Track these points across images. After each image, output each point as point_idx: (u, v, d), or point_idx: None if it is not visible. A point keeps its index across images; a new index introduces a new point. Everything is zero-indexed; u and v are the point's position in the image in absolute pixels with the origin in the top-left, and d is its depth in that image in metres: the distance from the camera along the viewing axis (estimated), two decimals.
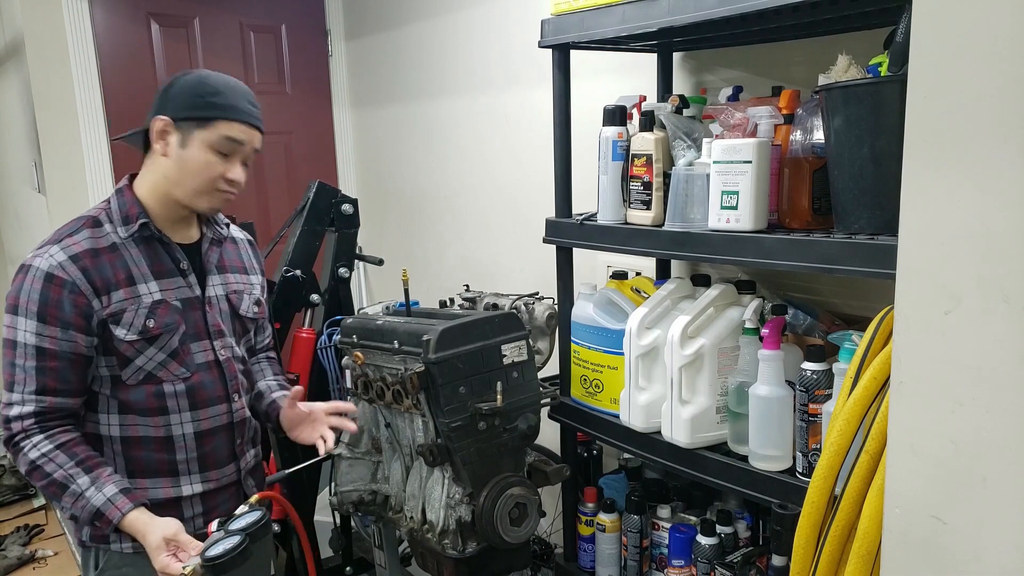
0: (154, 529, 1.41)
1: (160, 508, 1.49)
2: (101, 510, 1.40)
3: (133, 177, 1.55)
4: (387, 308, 2.11)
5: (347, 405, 1.76)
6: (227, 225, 1.69)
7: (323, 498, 2.48)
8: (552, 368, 2.02)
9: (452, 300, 2.16)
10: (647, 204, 1.62)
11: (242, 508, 1.43)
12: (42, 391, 1.42)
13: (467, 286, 2.17)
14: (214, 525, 1.41)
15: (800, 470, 1.40)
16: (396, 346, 1.70)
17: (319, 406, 1.70)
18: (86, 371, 1.46)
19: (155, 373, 1.49)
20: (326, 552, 2.56)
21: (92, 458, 1.44)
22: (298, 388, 1.65)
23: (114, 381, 1.47)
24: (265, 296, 1.74)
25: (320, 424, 1.69)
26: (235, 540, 1.34)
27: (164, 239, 1.52)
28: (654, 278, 1.98)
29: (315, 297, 2.43)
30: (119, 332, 1.44)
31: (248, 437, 1.66)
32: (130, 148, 1.56)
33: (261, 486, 1.72)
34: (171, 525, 1.42)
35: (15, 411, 1.42)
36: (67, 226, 1.48)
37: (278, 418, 1.70)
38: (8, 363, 1.42)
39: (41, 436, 1.41)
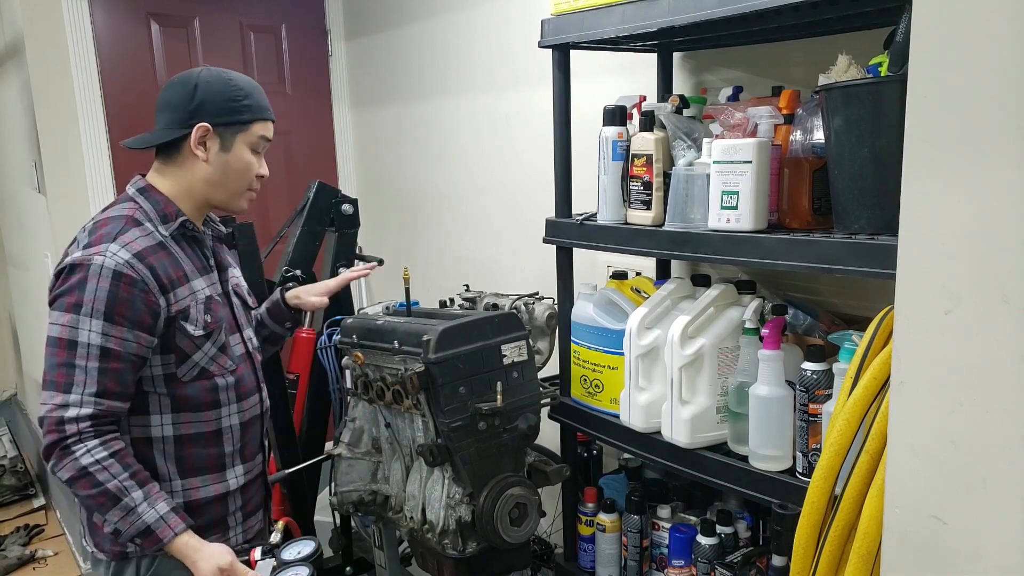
0: (206, 556, 1.39)
1: (209, 506, 1.51)
2: (152, 527, 1.38)
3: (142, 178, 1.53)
4: (387, 308, 2.11)
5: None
6: (221, 223, 1.70)
7: (323, 498, 2.48)
8: (552, 368, 2.02)
9: (452, 300, 2.16)
10: (647, 204, 1.62)
11: (276, 536, 1.47)
12: (102, 393, 1.37)
13: (467, 286, 2.17)
14: (257, 553, 1.43)
15: (800, 470, 1.40)
16: (396, 346, 1.70)
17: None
18: (138, 374, 1.43)
19: (207, 368, 1.49)
20: (326, 552, 2.56)
21: (142, 472, 1.41)
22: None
23: (168, 379, 1.46)
24: None
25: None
26: (306, 572, 1.40)
27: (199, 236, 1.53)
28: (654, 278, 1.98)
29: None
30: (190, 328, 1.44)
31: (266, 427, 1.69)
32: (133, 150, 1.55)
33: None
34: (224, 554, 1.41)
35: (72, 412, 1.35)
36: (109, 224, 1.42)
37: (283, 305, 1.82)
38: (64, 363, 1.36)
39: (96, 442, 1.36)
